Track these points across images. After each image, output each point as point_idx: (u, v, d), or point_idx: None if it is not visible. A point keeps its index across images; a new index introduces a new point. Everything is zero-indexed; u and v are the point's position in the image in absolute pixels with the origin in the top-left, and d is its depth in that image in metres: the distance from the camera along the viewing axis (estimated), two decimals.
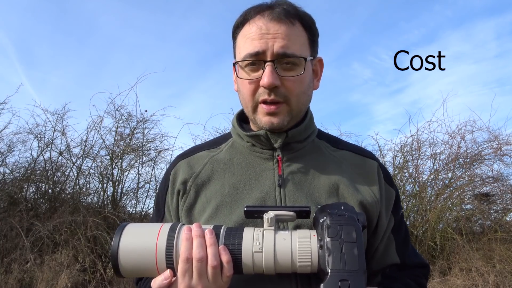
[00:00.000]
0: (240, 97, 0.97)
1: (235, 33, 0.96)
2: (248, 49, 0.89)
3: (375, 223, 0.95)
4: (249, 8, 0.94)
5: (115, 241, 0.75)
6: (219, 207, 0.91)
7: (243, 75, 0.92)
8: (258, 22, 0.89)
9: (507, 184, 5.82)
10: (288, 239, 0.75)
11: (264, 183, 0.93)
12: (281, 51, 0.87)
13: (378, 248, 0.97)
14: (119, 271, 0.76)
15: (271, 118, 0.91)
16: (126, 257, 0.75)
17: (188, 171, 0.99)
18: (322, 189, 0.93)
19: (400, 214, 1.03)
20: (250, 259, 0.74)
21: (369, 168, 1.00)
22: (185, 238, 0.74)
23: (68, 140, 6.04)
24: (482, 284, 4.54)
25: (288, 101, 0.90)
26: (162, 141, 6.44)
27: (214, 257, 0.72)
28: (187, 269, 0.73)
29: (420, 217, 5.72)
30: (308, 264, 0.73)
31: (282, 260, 0.74)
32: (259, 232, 0.76)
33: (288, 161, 0.96)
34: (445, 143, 6.06)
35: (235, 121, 1.04)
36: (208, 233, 0.75)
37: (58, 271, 4.56)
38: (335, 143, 1.04)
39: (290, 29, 0.89)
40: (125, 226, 0.78)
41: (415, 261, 1.01)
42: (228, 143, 1.04)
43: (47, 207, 5.71)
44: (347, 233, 0.72)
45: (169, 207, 0.99)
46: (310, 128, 1.01)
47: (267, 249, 0.74)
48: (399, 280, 0.94)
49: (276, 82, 0.87)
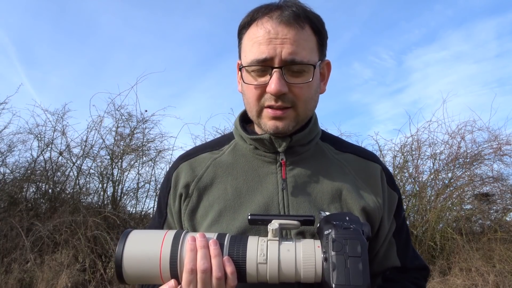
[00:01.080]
0: (245, 100, 0.95)
1: (241, 33, 0.93)
2: (255, 54, 0.85)
3: (377, 228, 0.95)
4: (257, 7, 0.90)
5: (119, 248, 0.75)
6: (222, 212, 0.91)
7: (249, 79, 0.89)
8: (266, 25, 0.85)
9: (507, 184, 5.84)
10: (293, 250, 0.75)
11: (268, 188, 0.92)
12: (289, 58, 0.83)
13: (379, 251, 0.97)
14: (123, 278, 0.76)
15: (276, 123, 0.89)
16: (130, 264, 0.75)
17: (190, 174, 0.97)
18: (325, 194, 0.92)
19: (402, 216, 1.02)
20: (255, 269, 0.74)
21: (372, 172, 0.99)
22: (190, 249, 0.74)
23: (68, 140, 6.05)
24: (482, 284, 4.54)
25: (295, 106, 0.88)
26: (162, 141, 6.44)
27: (219, 268, 0.72)
28: (191, 280, 0.72)
29: (420, 217, 5.72)
30: (312, 275, 0.73)
31: (286, 271, 0.74)
32: (263, 242, 0.76)
33: (291, 165, 0.95)
34: (445, 143, 6.07)
35: (237, 122, 1.01)
36: (213, 244, 0.74)
37: (58, 271, 4.56)
38: (338, 146, 1.03)
39: (299, 33, 0.85)
40: (129, 232, 0.78)
41: (415, 264, 1.01)
42: (231, 145, 1.02)
43: (47, 207, 5.71)
44: (352, 247, 0.71)
45: (172, 209, 0.98)
46: (314, 131, 0.99)
47: (272, 260, 0.74)
48: (399, 283, 0.95)
49: (284, 89, 0.84)
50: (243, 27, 0.92)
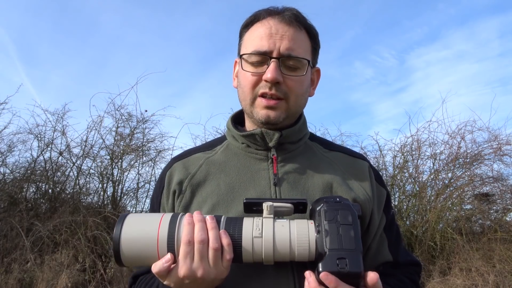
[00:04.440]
0: (240, 91, 0.99)
1: (243, 32, 1.00)
2: (257, 46, 0.93)
3: (368, 221, 0.97)
4: (260, 10, 0.98)
5: (116, 230, 0.76)
6: (215, 206, 0.93)
7: (248, 67, 0.95)
8: (269, 22, 0.94)
9: (507, 184, 5.82)
10: (287, 226, 0.77)
11: (260, 183, 0.95)
12: (286, 52, 0.91)
13: (371, 246, 0.99)
14: (121, 260, 0.76)
15: (268, 111, 0.94)
16: (128, 245, 0.76)
17: (183, 172, 1.00)
18: (316, 188, 0.95)
19: (391, 213, 1.05)
20: (250, 244, 0.76)
21: (360, 168, 1.03)
22: (187, 222, 0.76)
23: (68, 140, 6.05)
24: (482, 284, 4.54)
25: (287, 98, 0.94)
26: (162, 141, 6.45)
27: (216, 239, 0.74)
28: (188, 251, 0.74)
29: (420, 217, 5.72)
30: (306, 251, 0.75)
31: (281, 247, 0.75)
32: (258, 219, 0.78)
33: (282, 161, 0.99)
34: (445, 143, 6.07)
35: (229, 123, 1.06)
36: (209, 218, 0.77)
37: (58, 271, 4.56)
38: (327, 145, 1.09)
39: (297, 33, 0.94)
40: (126, 215, 0.79)
41: (408, 259, 1.04)
42: (223, 145, 1.06)
43: (47, 207, 5.72)
44: (344, 216, 0.74)
45: (165, 208, 1.00)
46: (304, 130, 1.05)
47: (267, 234, 0.76)
48: (393, 276, 0.97)
49: (279, 78, 0.91)
50: (245, 26, 1.00)
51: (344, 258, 0.69)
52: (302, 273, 0.76)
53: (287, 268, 0.85)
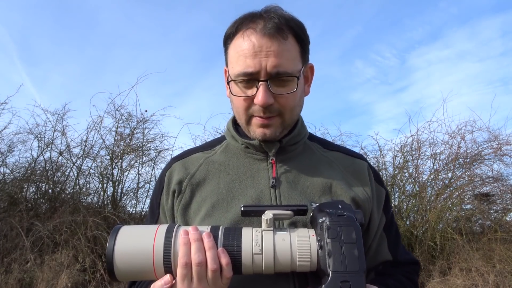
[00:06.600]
0: (234, 108, 0.98)
1: (226, 43, 0.96)
2: (242, 67, 0.89)
3: (368, 220, 0.97)
4: (240, 17, 0.94)
5: (110, 243, 0.74)
6: (214, 205, 0.93)
7: (237, 91, 0.93)
8: (251, 38, 0.88)
9: (507, 184, 5.82)
10: (288, 240, 0.75)
11: (259, 183, 0.95)
12: (274, 71, 0.87)
13: (371, 245, 0.99)
14: (114, 275, 0.74)
15: (264, 130, 0.94)
16: (122, 260, 0.73)
17: (183, 172, 1.00)
18: (315, 188, 0.95)
19: (391, 213, 1.06)
20: (250, 260, 0.74)
21: (360, 168, 1.03)
22: (183, 242, 0.74)
23: (68, 140, 6.07)
24: (482, 284, 4.54)
25: (281, 114, 0.93)
26: (162, 141, 6.47)
27: (214, 260, 0.72)
28: (186, 274, 0.72)
29: (420, 217, 5.72)
30: (308, 263, 0.74)
31: (282, 261, 0.74)
32: (258, 233, 0.76)
33: (281, 162, 0.99)
34: (445, 143, 6.07)
35: (230, 125, 1.06)
36: (206, 236, 0.74)
37: (58, 271, 4.56)
38: (326, 145, 1.08)
39: (282, 45, 0.88)
40: (119, 228, 0.76)
41: (407, 258, 1.05)
42: (223, 145, 1.06)
43: (47, 207, 5.72)
44: (347, 234, 0.72)
45: (164, 208, 1.00)
46: (302, 132, 1.04)
47: (267, 250, 0.74)
48: (392, 276, 0.97)
49: (270, 101, 0.89)
50: (228, 37, 0.95)
51: (348, 281, 0.68)
52: (303, 278, 0.75)
53: (287, 275, 0.84)
